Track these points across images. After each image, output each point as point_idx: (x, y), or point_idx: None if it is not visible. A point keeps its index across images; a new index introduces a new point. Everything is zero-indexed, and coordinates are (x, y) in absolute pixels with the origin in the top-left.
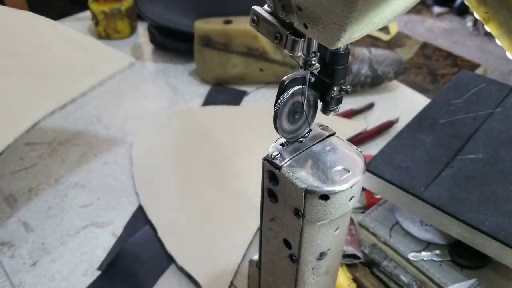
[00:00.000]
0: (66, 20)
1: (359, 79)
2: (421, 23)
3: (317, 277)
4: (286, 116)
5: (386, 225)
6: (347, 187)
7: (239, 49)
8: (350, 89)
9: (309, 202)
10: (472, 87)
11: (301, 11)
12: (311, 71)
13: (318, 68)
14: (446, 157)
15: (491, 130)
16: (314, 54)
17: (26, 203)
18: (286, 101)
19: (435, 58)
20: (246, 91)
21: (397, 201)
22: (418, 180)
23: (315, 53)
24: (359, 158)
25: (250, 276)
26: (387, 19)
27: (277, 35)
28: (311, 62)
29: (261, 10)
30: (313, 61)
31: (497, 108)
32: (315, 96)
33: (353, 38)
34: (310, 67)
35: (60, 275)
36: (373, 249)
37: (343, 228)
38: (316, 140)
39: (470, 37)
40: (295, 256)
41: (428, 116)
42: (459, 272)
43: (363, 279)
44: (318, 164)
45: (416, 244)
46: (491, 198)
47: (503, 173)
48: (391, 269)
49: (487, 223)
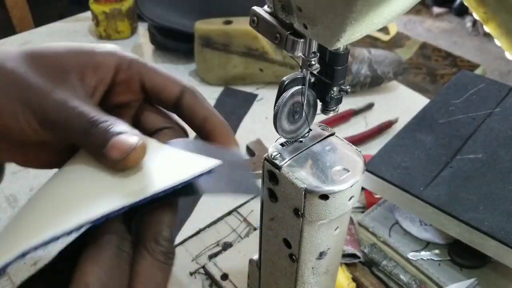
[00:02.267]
0: (66, 21)
1: (358, 79)
2: (421, 23)
3: (317, 277)
4: (286, 116)
5: (386, 225)
6: (346, 187)
7: (239, 50)
8: (349, 89)
9: (309, 202)
10: (471, 87)
11: (301, 11)
12: (310, 71)
13: (318, 69)
14: (445, 157)
15: (490, 130)
16: (313, 54)
17: None
18: (286, 101)
19: (434, 58)
20: (257, 94)
21: (397, 200)
22: (418, 180)
23: (315, 54)
24: (359, 158)
25: (250, 276)
26: (386, 19)
27: (277, 36)
28: (311, 62)
29: (261, 10)
30: (312, 61)
31: (496, 108)
32: (314, 96)
33: (352, 39)
34: (310, 67)
35: None
36: (373, 249)
37: (342, 227)
38: (316, 140)
39: (469, 37)
40: (295, 255)
41: (428, 116)
42: (458, 271)
43: (362, 278)
44: (318, 164)
45: (415, 243)
46: (490, 198)
47: (502, 173)
48: (391, 269)
49: (486, 223)
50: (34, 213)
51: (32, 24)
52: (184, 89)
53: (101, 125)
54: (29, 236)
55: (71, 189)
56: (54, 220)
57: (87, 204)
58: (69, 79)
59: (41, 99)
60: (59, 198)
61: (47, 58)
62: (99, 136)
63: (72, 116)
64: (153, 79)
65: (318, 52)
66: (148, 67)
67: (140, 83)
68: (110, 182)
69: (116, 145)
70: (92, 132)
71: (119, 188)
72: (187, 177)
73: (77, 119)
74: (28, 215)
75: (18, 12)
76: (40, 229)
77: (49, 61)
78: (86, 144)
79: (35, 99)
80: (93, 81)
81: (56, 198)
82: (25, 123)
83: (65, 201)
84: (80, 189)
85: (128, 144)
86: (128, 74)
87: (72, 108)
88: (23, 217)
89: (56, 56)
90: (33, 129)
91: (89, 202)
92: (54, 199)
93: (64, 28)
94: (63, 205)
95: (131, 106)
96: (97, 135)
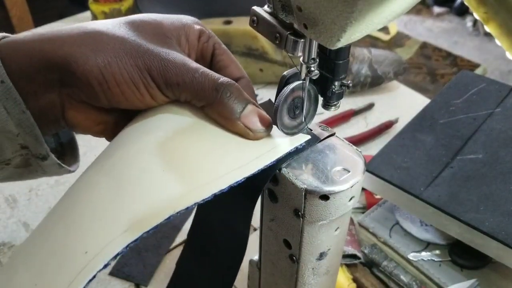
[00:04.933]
0: (66, 21)
1: (359, 79)
2: (421, 23)
3: (317, 277)
4: (286, 111)
5: (386, 225)
6: (347, 187)
7: (239, 49)
8: (351, 84)
9: (309, 202)
10: (471, 87)
11: (301, 11)
12: (310, 77)
13: (317, 75)
14: (446, 157)
15: (490, 130)
16: (313, 60)
17: (26, 204)
18: (287, 96)
19: (434, 58)
20: (257, 94)
21: (397, 201)
22: (418, 180)
23: (314, 60)
24: (359, 158)
25: (250, 276)
26: (386, 19)
27: (277, 36)
28: (311, 68)
29: (261, 10)
30: (312, 67)
31: (496, 108)
32: (316, 91)
33: (353, 39)
34: (310, 73)
35: None
36: (373, 249)
37: (343, 228)
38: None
39: (469, 37)
40: (295, 256)
41: (428, 116)
42: (459, 272)
43: (363, 279)
44: (318, 164)
45: (416, 244)
46: (490, 198)
47: (503, 173)
48: (391, 269)
49: (487, 223)
50: (171, 173)
51: (32, 24)
52: (242, 76)
53: (233, 88)
54: (177, 199)
55: (198, 150)
56: (199, 182)
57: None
58: (172, 44)
59: (160, 65)
60: (191, 159)
61: (149, 25)
62: (233, 101)
63: (197, 78)
64: (222, 55)
65: (319, 46)
66: (221, 44)
67: (211, 55)
68: (238, 144)
69: (254, 116)
70: (227, 94)
71: (252, 150)
72: (293, 147)
73: (205, 79)
74: (165, 175)
75: (18, 11)
76: (186, 191)
77: (152, 28)
78: (216, 105)
79: (154, 64)
80: (187, 48)
81: (188, 159)
82: (144, 89)
83: (201, 162)
84: (208, 149)
85: (267, 121)
86: (206, 46)
87: (194, 69)
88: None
89: (156, 23)
90: (151, 94)
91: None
92: (185, 160)
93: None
94: (203, 167)
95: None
96: (232, 99)
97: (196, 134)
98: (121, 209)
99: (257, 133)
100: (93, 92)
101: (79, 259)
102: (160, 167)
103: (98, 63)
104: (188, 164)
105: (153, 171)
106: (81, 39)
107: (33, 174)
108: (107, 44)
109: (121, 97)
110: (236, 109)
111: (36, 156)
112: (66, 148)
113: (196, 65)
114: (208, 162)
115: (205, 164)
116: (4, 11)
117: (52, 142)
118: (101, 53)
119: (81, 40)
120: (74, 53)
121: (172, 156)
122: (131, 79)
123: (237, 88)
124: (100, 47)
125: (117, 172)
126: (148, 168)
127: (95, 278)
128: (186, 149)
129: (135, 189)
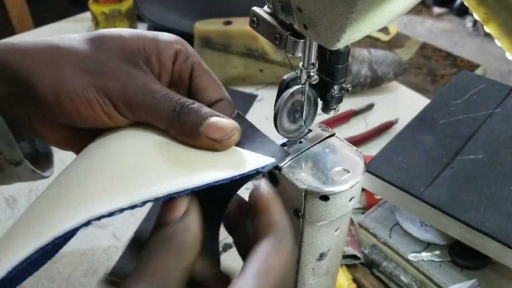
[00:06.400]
0: (66, 21)
1: (358, 80)
2: (421, 23)
3: (317, 278)
4: (286, 115)
5: (386, 226)
6: (347, 187)
7: (239, 50)
8: (350, 88)
9: (309, 203)
10: (472, 87)
11: (301, 12)
12: (310, 82)
13: (317, 80)
14: (446, 157)
15: (491, 130)
16: (312, 66)
17: (26, 204)
18: (286, 100)
19: (434, 58)
20: (257, 95)
21: (397, 201)
22: (418, 180)
23: (314, 65)
24: (359, 158)
25: None
26: (386, 19)
27: (277, 36)
28: (310, 73)
29: (261, 11)
30: (311, 72)
31: (496, 108)
32: (315, 95)
33: (352, 39)
34: (309, 78)
35: (60, 276)
36: (373, 250)
37: (343, 228)
38: (316, 140)
39: (469, 37)
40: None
41: (428, 117)
42: (459, 272)
43: (363, 279)
44: (318, 165)
45: (416, 244)
46: (491, 199)
47: (503, 174)
48: (391, 270)
49: (487, 224)
50: (100, 181)
51: (32, 25)
52: (222, 97)
53: (191, 106)
54: (96, 206)
55: (135, 163)
56: (126, 190)
57: (162, 177)
58: (138, 63)
59: (119, 84)
60: (124, 170)
61: (115, 42)
62: (192, 117)
63: (157, 99)
64: (201, 76)
65: (319, 50)
66: (201, 65)
67: (189, 76)
68: (194, 158)
69: (217, 125)
70: (185, 112)
71: (212, 161)
72: (258, 166)
73: (165, 101)
74: (95, 182)
75: (18, 12)
76: (108, 199)
77: (118, 45)
78: (176, 124)
79: (112, 84)
80: (157, 68)
81: (121, 170)
82: (100, 109)
83: (132, 173)
84: (149, 162)
85: (231, 126)
86: (183, 66)
87: (154, 91)
88: (91, 183)
89: (122, 40)
90: (108, 114)
91: (166, 175)
92: (119, 170)
93: (63, 28)
94: (132, 178)
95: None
96: (190, 115)
97: (159, 151)
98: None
99: (223, 141)
100: (51, 109)
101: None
102: (115, 175)
103: (53, 80)
104: (143, 172)
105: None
106: (42, 54)
107: (7, 179)
108: (67, 61)
109: (77, 116)
110: (196, 123)
111: (10, 161)
112: (41, 154)
113: (159, 86)
114: (166, 170)
115: (162, 172)
116: (4, 12)
117: (27, 148)
118: (58, 70)
119: (42, 55)
120: (36, 68)
121: (129, 169)
122: (86, 98)
123: (197, 105)
124: (58, 64)
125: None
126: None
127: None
128: (145, 162)
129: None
